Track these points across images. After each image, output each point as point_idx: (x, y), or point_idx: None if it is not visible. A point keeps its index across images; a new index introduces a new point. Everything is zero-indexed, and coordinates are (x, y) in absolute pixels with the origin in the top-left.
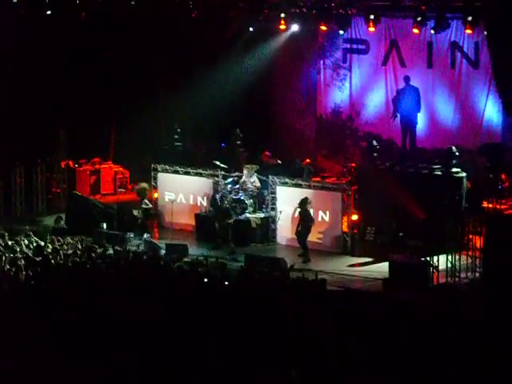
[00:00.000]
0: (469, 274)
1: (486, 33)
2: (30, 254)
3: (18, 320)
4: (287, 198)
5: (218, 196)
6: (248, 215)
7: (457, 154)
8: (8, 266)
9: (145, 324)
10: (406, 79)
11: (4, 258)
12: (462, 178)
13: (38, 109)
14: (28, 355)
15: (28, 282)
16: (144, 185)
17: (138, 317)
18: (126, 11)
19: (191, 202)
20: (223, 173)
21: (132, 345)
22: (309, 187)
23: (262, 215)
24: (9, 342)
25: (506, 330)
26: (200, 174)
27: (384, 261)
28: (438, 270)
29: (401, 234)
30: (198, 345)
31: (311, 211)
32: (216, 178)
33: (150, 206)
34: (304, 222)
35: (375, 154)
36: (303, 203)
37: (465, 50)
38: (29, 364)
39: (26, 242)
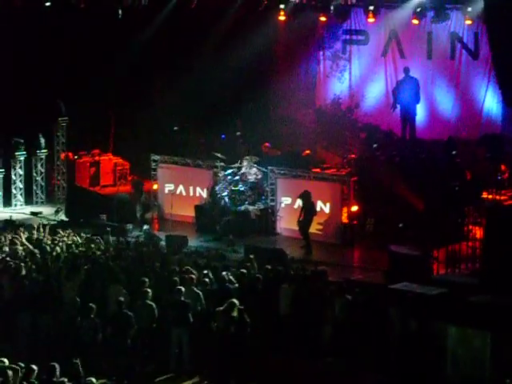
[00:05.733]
0: (469, 264)
1: (485, 23)
2: (30, 246)
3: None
4: (287, 190)
5: (217, 188)
6: (247, 206)
7: (456, 144)
8: (8, 258)
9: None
10: (406, 70)
11: (4, 250)
12: (461, 168)
13: (38, 100)
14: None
15: (28, 274)
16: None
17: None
18: (125, 2)
19: (191, 194)
20: (223, 164)
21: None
22: (309, 178)
23: (261, 206)
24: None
25: (505, 319)
26: (199, 166)
27: (384, 252)
28: (438, 261)
29: (400, 224)
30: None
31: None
32: (216, 170)
33: (147, 198)
34: (306, 212)
35: (375, 145)
36: (307, 196)
37: (464, 40)
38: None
39: (26, 234)
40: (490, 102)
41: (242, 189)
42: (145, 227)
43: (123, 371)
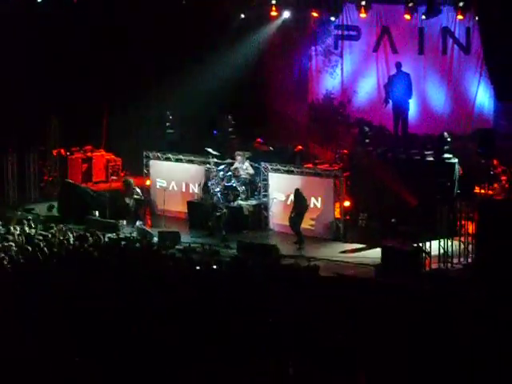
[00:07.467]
0: (461, 259)
1: (477, 18)
2: (22, 243)
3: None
4: (279, 185)
5: (210, 184)
6: (240, 202)
7: (448, 139)
8: (2, 254)
9: (135, 311)
10: (398, 65)
11: None
12: (453, 163)
13: (30, 96)
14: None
15: (20, 270)
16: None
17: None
18: None
19: (183, 190)
20: (215, 160)
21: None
22: (301, 174)
23: (254, 202)
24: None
25: (498, 314)
26: (192, 162)
27: (376, 247)
28: (430, 256)
29: (393, 220)
30: (187, 334)
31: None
32: (208, 165)
33: (141, 195)
34: (297, 208)
35: (367, 141)
36: (298, 193)
37: (456, 35)
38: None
39: (18, 230)
40: (482, 96)
41: (235, 184)
42: (137, 223)
43: None
